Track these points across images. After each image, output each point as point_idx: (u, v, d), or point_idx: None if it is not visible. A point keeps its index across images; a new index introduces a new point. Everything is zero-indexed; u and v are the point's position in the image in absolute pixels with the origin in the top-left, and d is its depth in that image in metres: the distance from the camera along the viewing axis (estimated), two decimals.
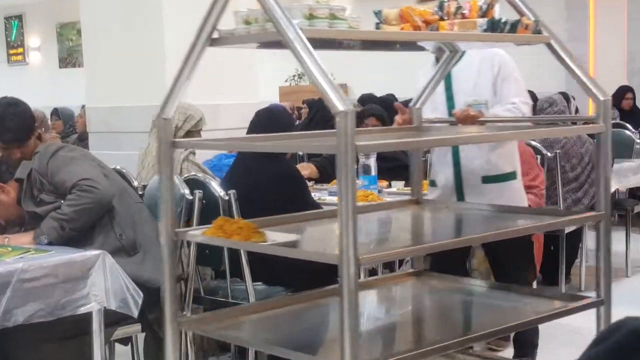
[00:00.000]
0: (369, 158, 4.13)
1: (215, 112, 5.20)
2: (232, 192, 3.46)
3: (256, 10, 2.20)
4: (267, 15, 2.13)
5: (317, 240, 2.55)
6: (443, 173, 3.63)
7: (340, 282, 1.94)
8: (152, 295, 3.14)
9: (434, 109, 3.50)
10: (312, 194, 3.98)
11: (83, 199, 3.24)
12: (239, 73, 5.62)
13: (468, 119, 3.13)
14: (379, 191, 4.29)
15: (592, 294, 2.60)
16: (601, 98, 2.54)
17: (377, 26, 2.65)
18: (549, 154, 5.11)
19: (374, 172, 4.20)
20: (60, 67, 14.55)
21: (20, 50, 15.38)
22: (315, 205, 3.74)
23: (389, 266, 4.23)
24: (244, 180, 3.70)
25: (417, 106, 3.02)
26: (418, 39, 2.54)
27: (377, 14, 2.67)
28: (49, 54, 14.87)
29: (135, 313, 3.15)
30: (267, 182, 3.61)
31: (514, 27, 2.68)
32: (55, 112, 9.02)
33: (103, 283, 3.07)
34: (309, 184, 4.29)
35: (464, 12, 2.73)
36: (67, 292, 3.02)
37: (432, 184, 3.74)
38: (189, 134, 4.30)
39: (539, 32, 2.64)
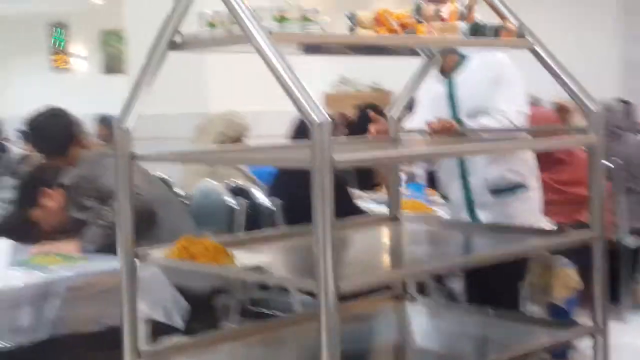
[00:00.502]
0: (416, 165, 3.94)
1: (259, 119, 5.13)
2: (276, 200, 3.35)
3: (221, 12, 2.01)
4: (233, 17, 1.94)
5: (294, 262, 2.35)
6: (452, 187, 3.44)
7: (318, 311, 1.75)
8: (198, 306, 3.12)
9: (436, 117, 3.36)
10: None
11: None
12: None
13: (444, 130, 2.96)
14: (428, 201, 4.08)
15: None
16: (593, 109, 2.39)
17: (351, 30, 2.49)
18: (610, 165, 4.65)
19: (421, 180, 4.00)
20: (104, 74, 14.48)
21: (64, 57, 15.29)
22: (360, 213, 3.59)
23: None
24: (289, 188, 3.55)
25: (394, 115, 2.84)
26: (394, 43, 2.37)
27: (351, 17, 2.50)
28: (93, 61, 14.82)
29: (180, 324, 3.08)
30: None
31: (496, 31, 2.52)
32: (102, 119, 8.83)
33: (148, 293, 2.96)
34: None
35: (442, 15, 2.58)
36: (112, 301, 2.84)
37: (445, 198, 3.54)
38: (233, 141, 4.35)
39: (522, 36, 2.49)
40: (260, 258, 2.18)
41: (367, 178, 4.92)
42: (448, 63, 3.34)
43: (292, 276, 2.02)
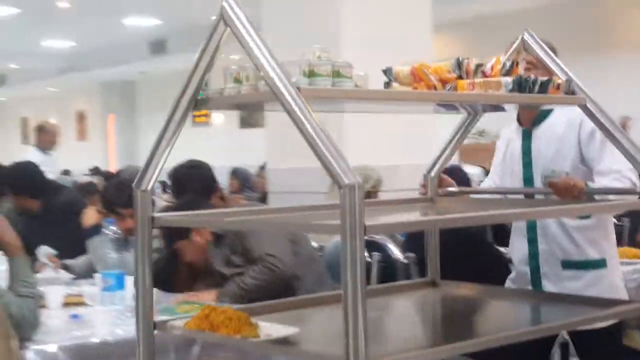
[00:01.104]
0: None
1: (393, 172, 5.10)
2: (411, 254, 3.24)
3: (248, 67, 1.89)
4: (259, 72, 1.82)
5: (325, 331, 2.17)
6: (519, 250, 3.16)
7: None
8: None
9: (508, 175, 3.18)
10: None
11: (263, 276, 3.31)
12: (416, 132, 5.39)
13: (570, 190, 2.64)
14: None
15: None
16: None
17: (386, 85, 2.36)
18: None
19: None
20: (240, 127, 14.66)
21: (204, 111, 15.70)
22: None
23: None
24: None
25: (432, 174, 2.68)
26: (433, 99, 2.22)
27: (387, 71, 2.37)
28: (230, 115, 15.22)
29: None
30: (452, 244, 3.22)
31: (544, 86, 2.37)
32: (233, 172, 8.95)
33: None
34: None
35: (484, 70, 2.43)
36: None
37: (510, 261, 3.30)
38: (367, 195, 4.28)
39: (573, 93, 2.33)
40: (292, 328, 2.01)
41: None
42: (526, 116, 3.14)
43: (320, 352, 1.85)
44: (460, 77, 2.34)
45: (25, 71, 20.26)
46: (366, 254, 3.28)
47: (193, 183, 3.66)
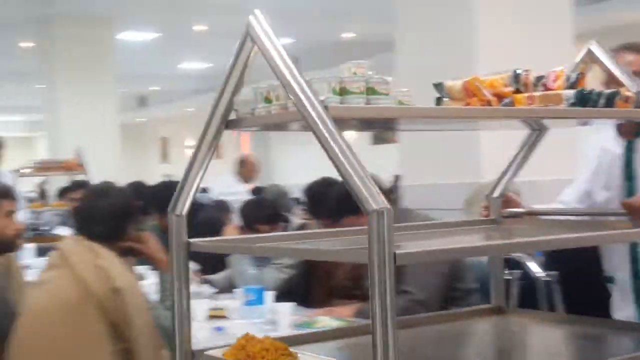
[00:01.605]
0: None
1: (534, 187, 4.90)
2: (553, 273, 3.25)
3: (277, 85, 1.79)
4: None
5: None
6: (620, 269, 3.00)
7: None
8: None
9: (600, 187, 3.02)
10: None
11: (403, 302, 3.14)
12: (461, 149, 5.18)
13: None
14: None
15: None
16: None
17: (438, 101, 2.22)
18: None
19: None
20: (372, 143, 14.88)
21: None
22: None
23: None
24: (566, 260, 3.33)
25: (495, 195, 2.51)
26: (482, 116, 2.07)
27: (438, 86, 2.23)
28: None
29: None
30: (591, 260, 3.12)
31: (610, 100, 2.17)
32: None
33: None
34: None
35: (546, 82, 2.26)
36: None
37: (610, 280, 3.11)
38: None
39: None
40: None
41: None
42: (627, 128, 2.97)
43: None
44: (517, 91, 2.19)
45: (163, 92, 21.09)
46: (506, 271, 3.15)
47: (327, 200, 3.66)
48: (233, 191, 7.42)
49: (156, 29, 11.92)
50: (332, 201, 3.60)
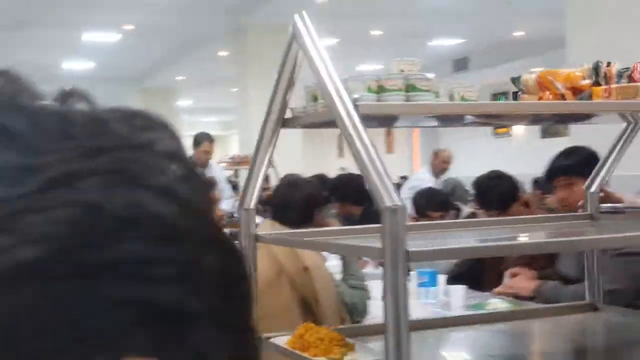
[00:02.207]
0: None
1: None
2: None
3: None
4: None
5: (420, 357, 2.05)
6: None
7: None
8: None
9: None
10: None
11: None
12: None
13: None
14: None
15: None
16: None
17: (514, 95, 2.19)
18: None
19: None
20: (542, 137, 15.32)
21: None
22: None
23: None
24: None
25: (592, 189, 2.41)
26: (537, 110, 2.00)
27: (515, 80, 2.19)
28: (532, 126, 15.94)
29: None
30: None
31: None
32: (535, 181, 9.09)
33: None
34: None
35: (632, 74, 2.14)
36: None
37: None
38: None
39: None
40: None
41: None
42: None
43: None
44: (598, 84, 2.10)
45: None
46: None
47: (494, 193, 3.90)
48: (419, 184, 7.68)
49: (336, 34, 12.36)
50: (498, 193, 3.84)
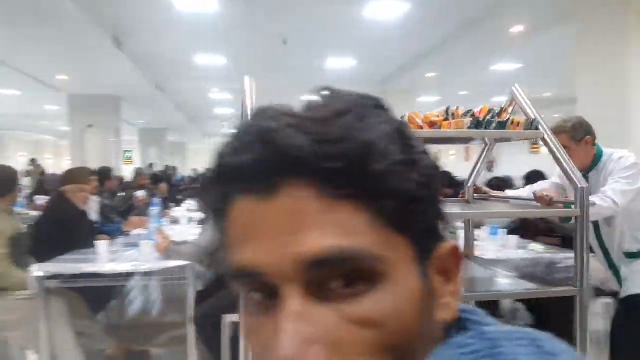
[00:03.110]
0: None
1: None
2: None
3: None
4: None
5: None
6: (595, 248, 4.03)
7: None
8: None
9: (565, 193, 3.98)
10: None
11: None
12: None
13: (542, 200, 3.39)
14: None
15: None
16: (579, 186, 2.91)
17: None
18: None
19: None
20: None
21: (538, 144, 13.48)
22: None
23: None
24: None
25: (469, 185, 3.74)
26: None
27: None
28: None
29: None
30: None
31: (502, 125, 3.08)
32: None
33: None
34: None
35: (474, 113, 3.08)
36: None
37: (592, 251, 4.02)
38: None
39: (537, 129, 3.11)
40: None
41: None
42: (578, 166, 3.55)
43: None
44: (446, 119, 2.97)
45: None
46: None
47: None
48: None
49: None
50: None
